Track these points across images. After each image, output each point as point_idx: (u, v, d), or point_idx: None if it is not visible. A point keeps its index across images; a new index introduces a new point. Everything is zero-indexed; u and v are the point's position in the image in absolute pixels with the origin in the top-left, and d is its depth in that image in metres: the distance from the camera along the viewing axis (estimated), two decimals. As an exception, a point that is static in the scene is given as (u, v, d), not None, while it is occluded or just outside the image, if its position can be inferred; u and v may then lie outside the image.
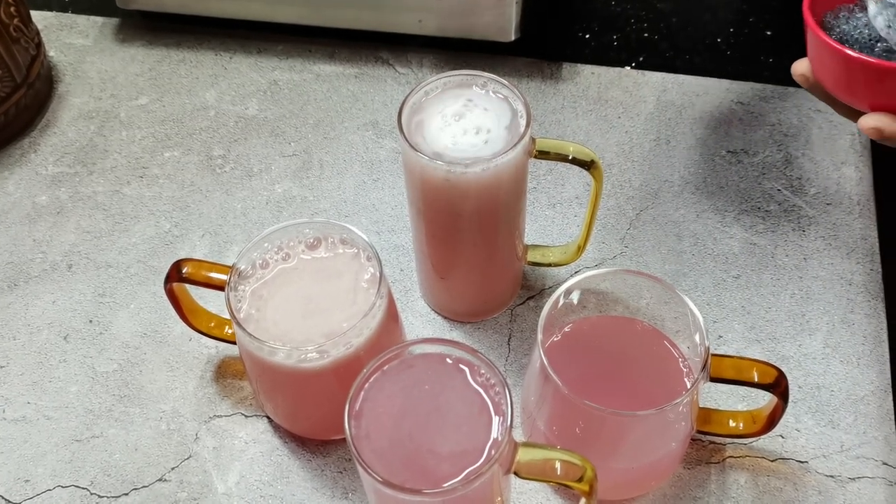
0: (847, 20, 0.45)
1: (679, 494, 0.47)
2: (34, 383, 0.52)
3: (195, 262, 0.46)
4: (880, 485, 0.46)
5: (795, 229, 0.56)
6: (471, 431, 0.37)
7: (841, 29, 0.44)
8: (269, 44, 0.68)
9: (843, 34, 0.44)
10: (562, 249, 0.53)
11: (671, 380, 0.44)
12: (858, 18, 0.45)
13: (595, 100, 0.63)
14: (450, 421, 0.37)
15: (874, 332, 0.52)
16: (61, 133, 0.64)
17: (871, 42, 0.43)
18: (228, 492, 0.47)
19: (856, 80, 0.43)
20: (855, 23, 0.44)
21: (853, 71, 0.42)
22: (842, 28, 0.44)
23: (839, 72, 0.43)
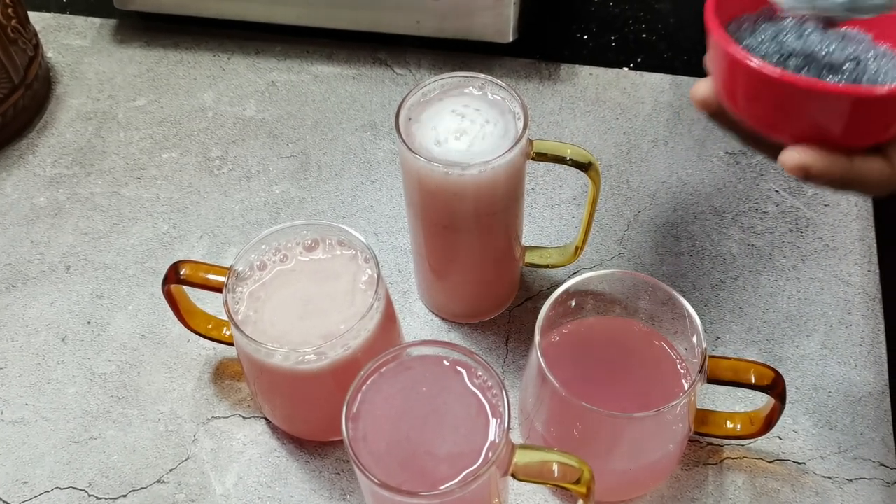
0: (752, 33, 0.37)
1: (677, 496, 0.47)
2: (32, 385, 0.52)
3: (193, 264, 0.46)
4: (878, 486, 0.46)
5: (793, 230, 0.56)
6: (468, 433, 0.37)
7: (746, 43, 0.37)
8: (267, 45, 0.68)
9: (749, 48, 0.36)
10: (560, 251, 0.53)
11: (669, 381, 0.44)
12: (764, 30, 0.37)
13: (593, 101, 0.63)
14: (447, 423, 0.37)
15: (872, 334, 0.52)
16: (59, 134, 0.64)
17: (781, 58, 0.36)
18: (226, 493, 0.47)
19: (782, 106, 0.34)
20: (761, 35, 0.37)
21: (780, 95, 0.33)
22: (746, 42, 0.37)
23: (757, 95, 0.34)
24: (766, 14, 0.38)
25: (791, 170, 0.34)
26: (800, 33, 0.36)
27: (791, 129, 0.34)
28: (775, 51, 0.36)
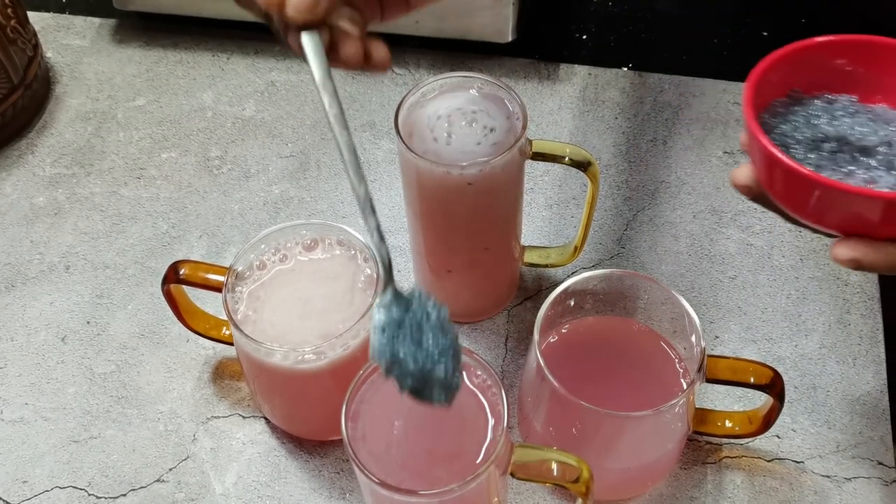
0: (785, 118, 0.38)
1: (675, 495, 0.47)
2: (32, 384, 0.52)
3: (192, 264, 0.46)
4: (876, 485, 0.47)
5: (791, 230, 0.56)
6: (467, 433, 0.37)
7: (781, 129, 0.38)
8: (266, 45, 0.68)
9: (783, 135, 0.37)
10: (559, 250, 0.53)
11: (667, 380, 0.44)
12: (797, 113, 0.38)
13: (592, 101, 0.64)
14: (446, 422, 0.37)
15: (870, 333, 0.52)
16: (59, 134, 0.64)
17: (815, 142, 0.36)
18: (226, 492, 0.47)
19: (830, 208, 0.34)
20: (794, 120, 0.38)
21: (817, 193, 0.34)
22: (781, 129, 0.38)
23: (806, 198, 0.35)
24: (795, 95, 0.39)
25: (843, 263, 0.35)
26: (831, 116, 0.37)
27: (832, 221, 0.35)
28: (809, 136, 0.37)
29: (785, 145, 0.37)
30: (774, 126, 0.38)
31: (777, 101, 0.39)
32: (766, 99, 0.38)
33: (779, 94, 0.39)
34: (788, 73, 0.38)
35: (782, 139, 0.37)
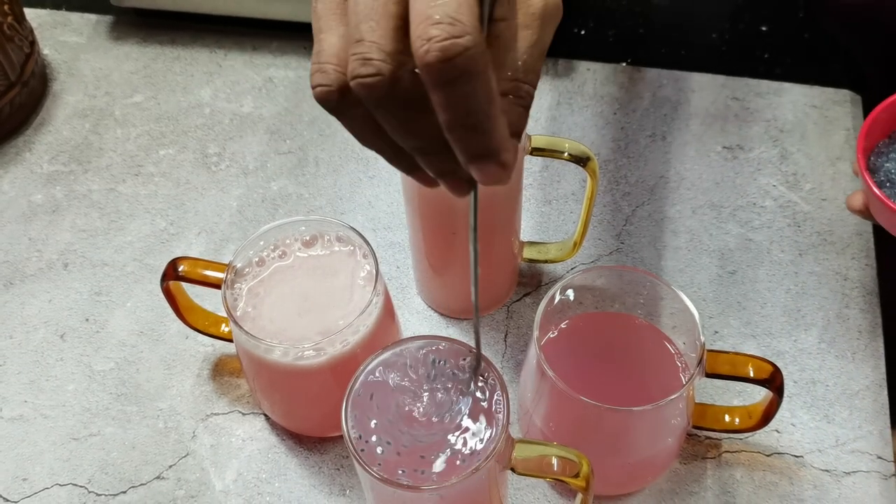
0: (888, 157, 0.46)
1: (675, 489, 0.47)
2: (31, 382, 0.52)
3: (191, 261, 0.46)
4: (875, 479, 0.47)
5: (791, 225, 0.56)
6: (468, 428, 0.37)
7: (885, 168, 0.46)
8: (264, 41, 0.68)
9: (888, 174, 0.46)
10: (558, 246, 0.53)
11: (667, 375, 0.45)
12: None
13: (591, 96, 0.63)
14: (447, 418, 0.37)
15: (869, 327, 0.52)
16: (56, 131, 0.64)
17: None
18: (226, 489, 0.47)
19: None
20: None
21: None
22: (886, 167, 0.46)
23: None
24: None
25: None
26: None
27: None
28: None
29: (890, 181, 0.46)
30: (880, 165, 0.46)
31: (881, 142, 0.47)
32: (873, 142, 0.47)
33: (882, 137, 0.47)
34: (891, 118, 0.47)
35: (888, 176, 0.46)
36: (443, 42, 0.24)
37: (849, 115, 0.61)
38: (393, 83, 0.25)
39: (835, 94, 0.62)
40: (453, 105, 0.25)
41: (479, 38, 0.24)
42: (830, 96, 0.62)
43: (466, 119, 0.25)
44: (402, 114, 0.26)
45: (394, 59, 0.25)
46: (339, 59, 0.26)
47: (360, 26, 0.25)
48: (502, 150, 0.26)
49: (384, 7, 0.25)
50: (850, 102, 0.62)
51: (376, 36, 0.25)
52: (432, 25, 0.24)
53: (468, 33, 0.24)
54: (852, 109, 0.61)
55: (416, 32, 0.24)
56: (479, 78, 0.25)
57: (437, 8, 0.24)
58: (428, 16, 0.24)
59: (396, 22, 0.25)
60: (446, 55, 0.24)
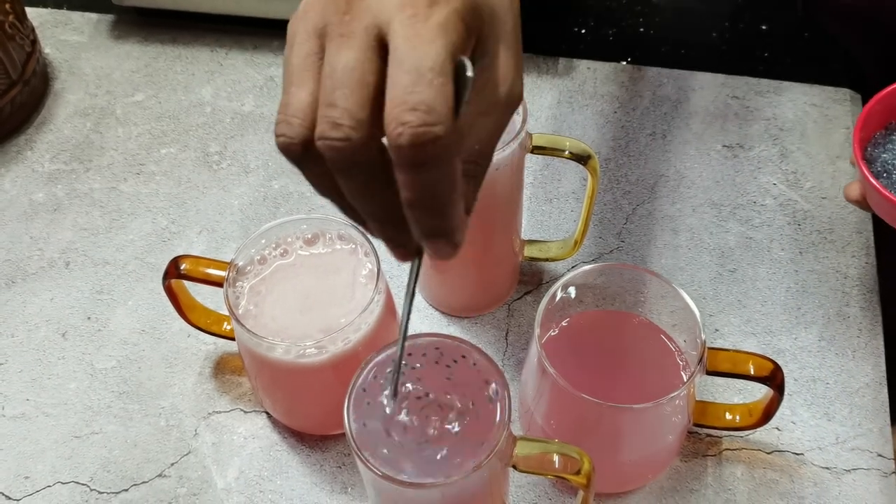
0: (885, 147, 0.46)
1: (676, 487, 0.47)
2: (33, 380, 0.52)
3: (193, 259, 0.47)
4: (875, 476, 0.47)
5: (791, 223, 0.56)
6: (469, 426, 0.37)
7: (882, 159, 0.46)
8: (265, 40, 0.68)
9: (885, 164, 0.46)
10: (559, 244, 0.53)
11: (668, 373, 0.45)
12: (894, 141, 0.46)
13: (591, 95, 0.64)
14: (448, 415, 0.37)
15: (869, 325, 0.52)
16: (57, 130, 0.64)
17: None
18: (228, 487, 0.47)
19: None
20: (894, 150, 0.46)
21: None
22: (883, 158, 0.46)
23: None
24: (893, 128, 0.47)
25: None
26: None
27: None
28: None
29: (887, 172, 0.46)
30: (877, 156, 0.46)
31: (878, 133, 0.47)
32: (869, 133, 0.47)
33: (879, 128, 0.47)
34: (886, 109, 0.47)
35: (884, 166, 0.46)
36: (416, 129, 0.24)
37: (848, 113, 0.61)
38: (358, 150, 0.26)
39: (834, 93, 0.62)
40: (418, 187, 0.26)
41: (451, 127, 0.25)
42: (830, 95, 0.62)
43: (428, 201, 0.26)
44: (362, 180, 0.27)
45: (363, 128, 0.26)
46: (305, 116, 0.27)
47: (335, 92, 0.26)
48: (456, 231, 0.27)
49: (361, 77, 0.26)
50: (849, 101, 0.62)
51: (350, 103, 0.26)
52: (408, 111, 0.25)
53: (441, 122, 0.25)
54: (852, 108, 0.61)
55: (392, 114, 0.25)
56: (446, 165, 0.25)
57: (414, 94, 0.25)
58: (405, 100, 0.25)
59: (371, 92, 0.26)
60: (418, 141, 0.25)
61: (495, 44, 0.28)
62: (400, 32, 0.25)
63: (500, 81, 0.28)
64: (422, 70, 0.25)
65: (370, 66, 0.26)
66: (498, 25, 0.28)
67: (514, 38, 0.29)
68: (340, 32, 0.26)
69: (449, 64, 0.25)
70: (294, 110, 0.27)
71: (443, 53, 0.25)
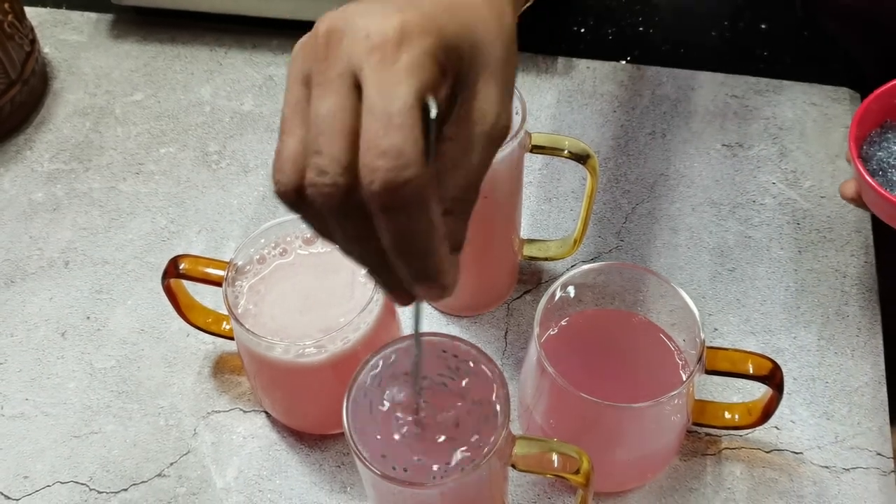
0: (880, 146, 0.46)
1: (675, 486, 0.47)
2: (32, 380, 0.52)
3: (192, 258, 0.47)
4: (874, 475, 0.47)
5: (790, 222, 0.57)
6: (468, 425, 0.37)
7: (877, 157, 0.46)
8: (264, 39, 0.68)
9: (880, 162, 0.46)
10: (558, 243, 0.53)
11: (667, 372, 0.45)
12: (889, 139, 0.47)
13: (590, 94, 0.64)
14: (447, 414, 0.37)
15: (868, 324, 0.52)
16: (56, 129, 0.64)
17: None
18: (227, 486, 0.47)
19: None
20: (889, 148, 0.46)
21: None
22: (878, 156, 0.46)
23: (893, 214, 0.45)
24: (887, 125, 0.47)
25: None
26: None
27: None
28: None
29: (882, 170, 0.46)
30: (872, 154, 0.46)
31: (873, 132, 0.47)
32: (865, 131, 0.47)
33: (875, 126, 0.47)
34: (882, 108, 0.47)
35: (880, 164, 0.46)
36: (387, 174, 0.25)
37: (848, 112, 0.61)
38: (346, 194, 0.26)
39: (834, 92, 0.62)
40: (394, 231, 0.26)
41: (422, 170, 0.25)
42: (829, 94, 0.62)
43: (407, 245, 0.26)
44: (352, 224, 0.27)
45: (348, 173, 0.26)
46: (295, 164, 0.27)
47: (318, 139, 0.26)
48: (441, 273, 0.27)
49: (342, 122, 0.26)
50: (848, 100, 0.62)
51: (334, 150, 0.26)
52: (378, 156, 0.25)
53: (411, 166, 0.25)
54: (851, 107, 0.61)
55: (364, 160, 0.25)
56: (420, 209, 0.26)
57: (384, 139, 0.25)
58: (375, 145, 0.25)
59: (353, 137, 0.26)
60: (389, 186, 0.25)
61: (477, 77, 0.28)
62: (369, 77, 0.25)
63: (483, 115, 0.28)
64: (390, 114, 0.25)
65: (350, 111, 0.26)
66: (481, 58, 0.28)
67: (501, 68, 0.28)
68: (320, 80, 0.27)
69: (417, 106, 0.25)
70: (285, 158, 0.27)
71: (411, 96, 0.25)
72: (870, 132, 0.48)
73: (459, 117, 0.28)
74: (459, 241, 0.29)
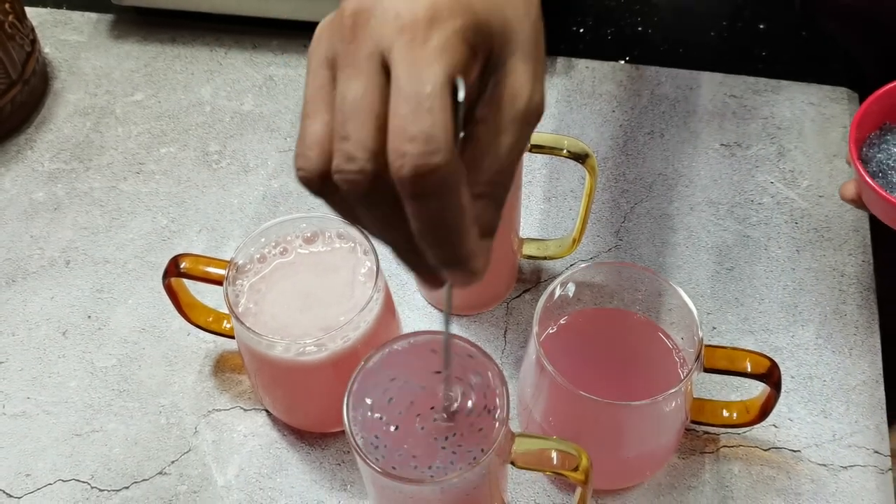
0: (879, 148, 0.47)
1: (674, 483, 0.47)
2: (33, 379, 0.52)
3: (193, 258, 0.47)
4: (871, 473, 0.47)
5: (788, 221, 0.57)
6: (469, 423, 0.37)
7: (877, 159, 0.46)
8: (264, 39, 0.68)
9: (880, 164, 0.46)
10: (557, 243, 0.53)
11: (666, 371, 0.45)
12: (889, 141, 0.47)
13: (589, 94, 0.64)
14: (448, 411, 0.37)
15: (866, 323, 0.52)
16: (57, 129, 0.64)
17: None
18: (228, 485, 0.48)
19: None
20: (889, 150, 0.46)
21: None
22: (878, 158, 0.46)
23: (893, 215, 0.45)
24: (886, 127, 0.48)
25: None
26: None
27: None
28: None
29: (882, 172, 0.46)
30: (872, 156, 0.47)
31: (873, 134, 0.48)
32: (865, 133, 0.47)
33: (874, 128, 0.48)
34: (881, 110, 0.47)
35: (879, 167, 0.46)
36: (416, 159, 0.24)
37: (846, 112, 0.61)
38: (374, 181, 0.26)
39: (832, 92, 0.62)
40: (424, 217, 0.25)
41: (451, 156, 0.25)
42: (828, 94, 0.62)
43: (436, 231, 0.26)
44: (380, 210, 0.27)
45: (377, 159, 0.25)
46: (320, 148, 0.26)
47: (346, 124, 0.26)
48: (471, 259, 0.27)
49: (370, 106, 0.25)
50: (847, 100, 0.62)
51: (362, 135, 0.25)
52: (407, 141, 0.24)
53: (441, 151, 0.24)
54: (849, 107, 0.62)
55: (392, 145, 0.25)
56: (449, 194, 0.25)
57: (413, 124, 0.24)
58: (404, 131, 0.24)
59: (381, 122, 0.25)
60: (418, 172, 0.24)
61: (509, 57, 0.27)
62: (399, 58, 0.25)
63: (516, 95, 0.27)
64: (420, 97, 0.24)
65: (378, 94, 0.25)
66: (511, 37, 0.27)
67: (531, 47, 0.27)
68: (347, 62, 0.26)
69: (448, 88, 0.25)
70: (310, 143, 0.27)
71: (441, 78, 0.24)
72: (869, 134, 0.48)
73: (492, 99, 0.27)
74: (493, 227, 0.28)
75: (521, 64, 0.27)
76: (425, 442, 0.36)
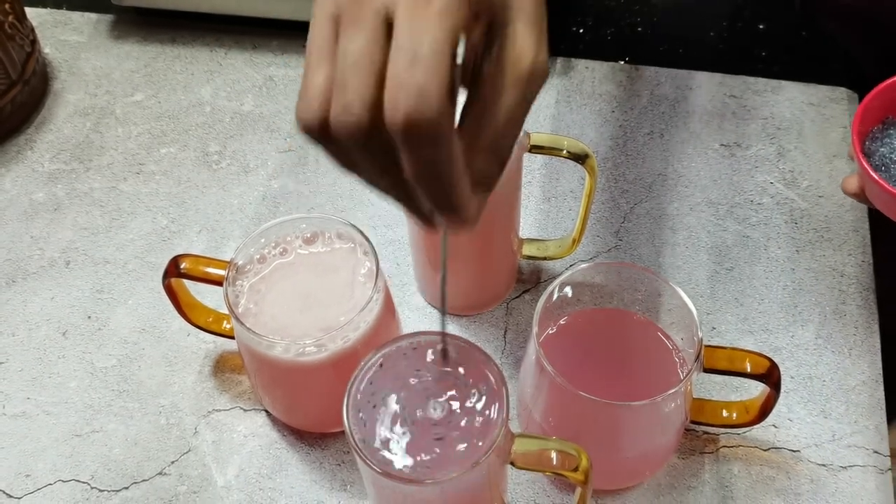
0: (882, 142, 0.47)
1: (673, 484, 0.47)
2: (33, 379, 0.52)
3: (193, 258, 0.47)
4: (871, 473, 0.47)
5: (788, 222, 0.57)
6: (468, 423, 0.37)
7: (880, 153, 0.47)
8: (264, 39, 0.68)
9: (882, 158, 0.46)
10: (557, 243, 0.53)
11: (665, 371, 0.45)
12: (891, 135, 0.47)
13: (589, 94, 0.64)
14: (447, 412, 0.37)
15: (865, 323, 0.52)
16: (57, 130, 0.64)
17: None
18: (228, 485, 0.48)
19: None
20: (891, 144, 0.47)
21: None
22: (881, 152, 0.47)
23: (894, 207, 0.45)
24: (890, 122, 0.48)
25: None
26: None
27: None
28: None
29: (885, 165, 0.46)
30: (875, 150, 0.47)
31: (875, 128, 0.48)
32: (867, 127, 0.47)
33: (876, 123, 0.48)
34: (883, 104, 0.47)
35: (882, 160, 0.46)
36: (408, 109, 0.25)
37: (846, 112, 0.61)
38: (371, 130, 0.27)
39: (832, 92, 0.62)
40: (416, 163, 0.27)
41: (444, 107, 0.26)
42: (827, 94, 0.62)
43: (428, 177, 0.27)
44: (377, 158, 0.28)
45: (373, 109, 0.26)
46: (323, 98, 0.28)
47: (346, 76, 0.27)
48: (462, 207, 0.28)
49: (370, 57, 0.27)
50: (846, 100, 0.62)
51: (360, 87, 0.26)
52: (402, 93, 0.25)
53: (434, 105, 0.25)
54: (849, 107, 0.62)
55: (388, 95, 0.26)
56: (440, 143, 0.26)
57: (409, 77, 0.25)
58: (400, 80, 0.26)
59: (380, 75, 0.26)
60: (411, 121, 0.25)
61: (511, 19, 0.28)
62: (402, 17, 0.26)
63: (519, 56, 0.28)
64: (419, 54, 0.25)
65: (379, 49, 0.27)
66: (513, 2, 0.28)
67: (534, 11, 0.29)
68: (352, 18, 0.27)
69: (447, 48, 0.26)
70: (312, 93, 0.28)
71: (440, 37, 0.25)
72: (871, 128, 0.48)
73: (496, 60, 0.28)
74: (492, 181, 0.29)
75: (524, 27, 0.28)
76: (425, 442, 0.36)
